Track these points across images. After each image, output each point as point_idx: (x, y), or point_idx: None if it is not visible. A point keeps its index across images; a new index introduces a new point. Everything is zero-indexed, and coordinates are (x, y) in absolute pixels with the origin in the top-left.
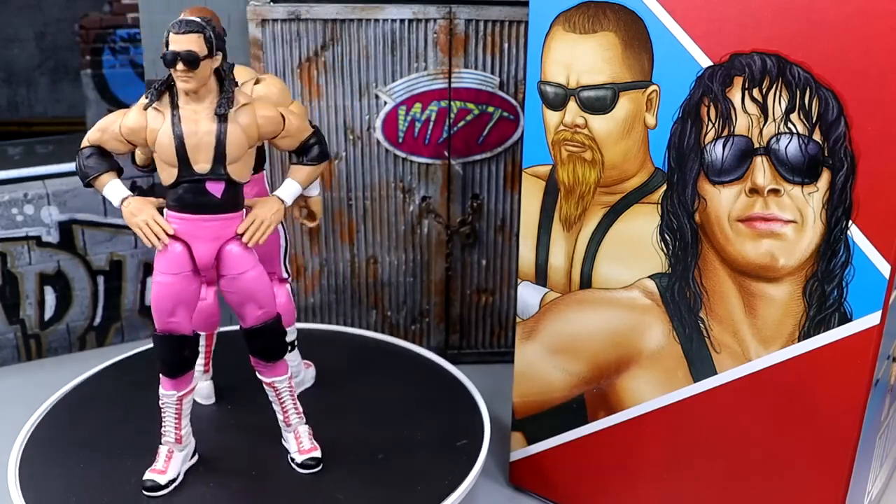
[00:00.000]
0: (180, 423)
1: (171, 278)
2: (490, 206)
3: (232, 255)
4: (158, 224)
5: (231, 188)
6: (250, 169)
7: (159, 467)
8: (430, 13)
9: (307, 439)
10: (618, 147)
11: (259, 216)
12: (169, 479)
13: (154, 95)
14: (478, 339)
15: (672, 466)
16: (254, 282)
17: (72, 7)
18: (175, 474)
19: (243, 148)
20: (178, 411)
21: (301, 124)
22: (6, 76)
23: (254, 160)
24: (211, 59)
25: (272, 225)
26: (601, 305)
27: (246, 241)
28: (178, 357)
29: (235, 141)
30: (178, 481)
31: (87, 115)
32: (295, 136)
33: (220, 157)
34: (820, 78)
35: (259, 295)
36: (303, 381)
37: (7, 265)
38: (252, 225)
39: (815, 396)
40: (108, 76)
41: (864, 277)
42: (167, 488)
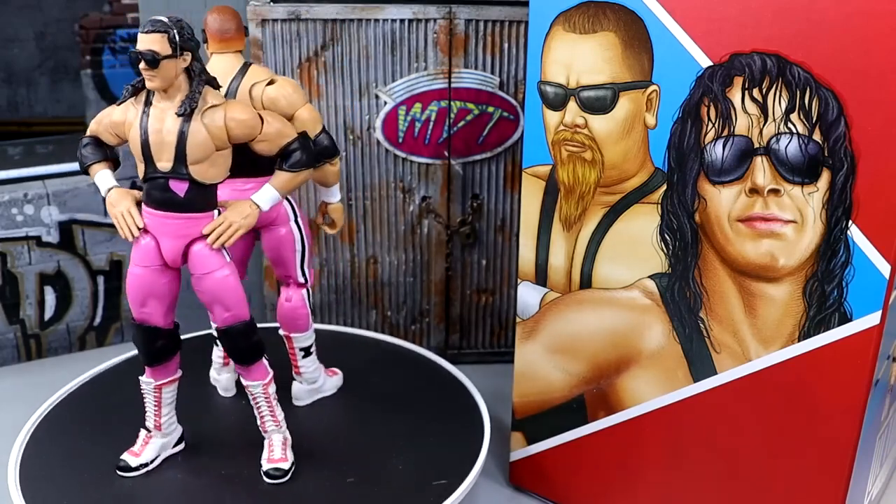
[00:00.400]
0: (160, 411)
1: (142, 270)
2: (490, 206)
3: (197, 254)
4: (132, 216)
5: (196, 188)
6: (222, 171)
7: (135, 450)
8: (430, 13)
9: (279, 449)
10: (618, 147)
11: (228, 219)
12: (140, 463)
13: (129, 92)
14: (478, 339)
15: (672, 466)
16: (219, 283)
17: (72, 7)
18: (149, 459)
19: (207, 149)
20: (156, 399)
21: (282, 129)
22: (6, 76)
23: (228, 162)
24: (176, 58)
25: (241, 229)
26: (601, 305)
27: (210, 242)
28: (151, 347)
29: (197, 142)
30: (151, 466)
31: (86, 115)
32: (273, 140)
33: (181, 156)
34: (820, 78)
35: (225, 297)
36: (321, 389)
37: (7, 265)
38: (220, 227)
39: (815, 396)
40: (108, 76)
41: (864, 277)
42: (137, 471)
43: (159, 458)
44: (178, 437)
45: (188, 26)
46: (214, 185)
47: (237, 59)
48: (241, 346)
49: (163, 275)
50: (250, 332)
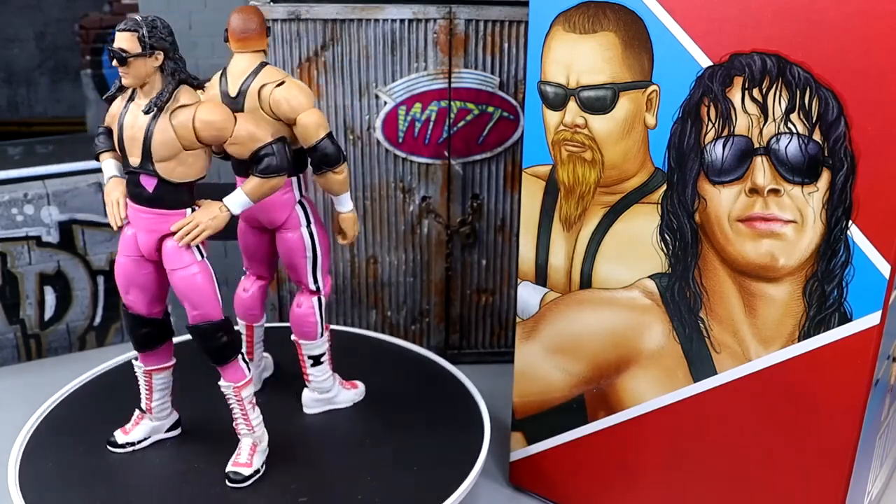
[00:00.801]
0: (151, 395)
1: (124, 259)
2: (490, 206)
3: (167, 250)
4: (118, 207)
5: (165, 185)
6: (194, 171)
7: (126, 427)
8: (430, 13)
9: (246, 453)
10: (618, 147)
11: (196, 218)
12: (128, 441)
13: (116, 86)
14: (478, 339)
15: (672, 466)
16: (185, 281)
17: (72, 7)
18: (136, 438)
19: (173, 148)
20: (147, 383)
21: (254, 133)
22: (6, 76)
23: (202, 163)
24: (146, 57)
25: (208, 230)
26: (601, 305)
27: (176, 240)
28: (136, 334)
29: (162, 140)
30: (138, 446)
31: (87, 115)
32: (244, 144)
33: (147, 153)
34: (820, 78)
35: (192, 295)
36: (333, 400)
37: (7, 265)
38: (187, 225)
39: (815, 396)
40: (108, 76)
41: (864, 277)
42: (123, 448)
43: (149, 439)
44: (171, 423)
45: (164, 26)
46: (186, 183)
47: (254, 59)
48: (207, 346)
49: (142, 266)
50: (217, 333)
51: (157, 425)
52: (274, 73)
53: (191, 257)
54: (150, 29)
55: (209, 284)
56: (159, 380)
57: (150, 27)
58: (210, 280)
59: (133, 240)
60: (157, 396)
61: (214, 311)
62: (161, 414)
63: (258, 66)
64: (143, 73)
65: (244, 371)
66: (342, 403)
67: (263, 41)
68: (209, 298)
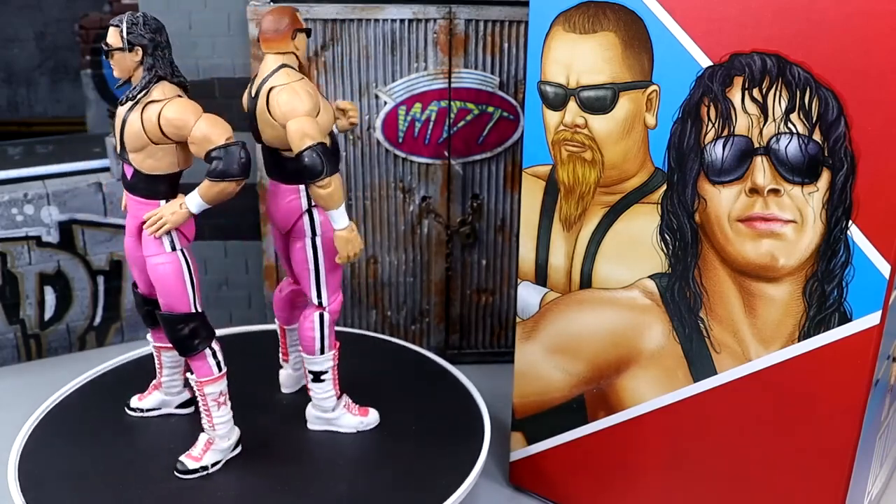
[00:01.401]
0: (160, 370)
1: (127, 238)
2: (490, 206)
3: (143, 237)
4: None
5: (139, 175)
6: (163, 164)
7: (143, 394)
8: (430, 13)
9: (199, 448)
10: (618, 147)
11: (162, 211)
12: (138, 406)
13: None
14: (478, 339)
15: (672, 466)
16: (153, 270)
17: (72, 7)
18: (147, 406)
19: (140, 140)
20: (158, 358)
21: (208, 135)
22: (6, 76)
23: (172, 158)
24: (125, 52)
25: (168, 224)
26: (601, 305)
27: (145, 228)
28: (140, 310)
29: (132, 131)
30: (147, 412)
31: (87, 115)
32: (199, 144)
33: (122, 142)
34: (820, 78)
35: (159, 285)
36: (333, 422)
37: (7, 265)
38: (153, 217)
39: (815, 396)
40: (108, 76)
41: (864, 277)
42: (133, 411)
43: (160, 410)
44: (181, 401)
45: (146, 23)
46: (161, 175)
47: (276, 60)
48: (171, 335)
49: (137, 247)
50: (179, 325)
51: (167, 399)
52: (283, 76)
53: (160, 248)
54: (129, 26)
55: (175, 277)
56: (167, 357)
57: (130, 24)
58: (177, 273)
59: (128, 220)
60: (166, 373)
61: (179, 304)
62: (171, 390)
63: (277, 67)
64: (126, 67)
65: (211, 368)
66: (344, 428)
67: (288, 43)
68: (174, 290)
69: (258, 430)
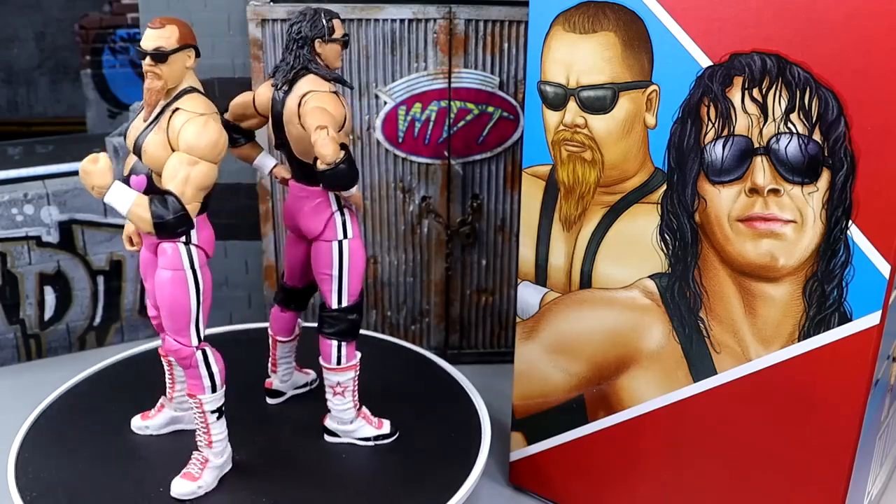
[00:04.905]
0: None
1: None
2: (490, 206)
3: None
4: None
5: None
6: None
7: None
8: (430, 13)
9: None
10: (618, 147)
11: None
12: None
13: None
14: (478, 339)
15: (672, 466)
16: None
17: (72, 7)
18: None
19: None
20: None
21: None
22: (6, 76)
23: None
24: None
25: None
26: (601, 305)
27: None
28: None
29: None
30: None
31: (87, 115)
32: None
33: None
34: (820, 78)
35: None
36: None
37: (7, 265)
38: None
39: (815, 396)
40: (108, 76)
41: (864, 277)
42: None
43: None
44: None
45: None
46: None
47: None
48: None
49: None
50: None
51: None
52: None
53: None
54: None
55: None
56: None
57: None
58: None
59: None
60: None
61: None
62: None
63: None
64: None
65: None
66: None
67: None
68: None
69: (257, 429)
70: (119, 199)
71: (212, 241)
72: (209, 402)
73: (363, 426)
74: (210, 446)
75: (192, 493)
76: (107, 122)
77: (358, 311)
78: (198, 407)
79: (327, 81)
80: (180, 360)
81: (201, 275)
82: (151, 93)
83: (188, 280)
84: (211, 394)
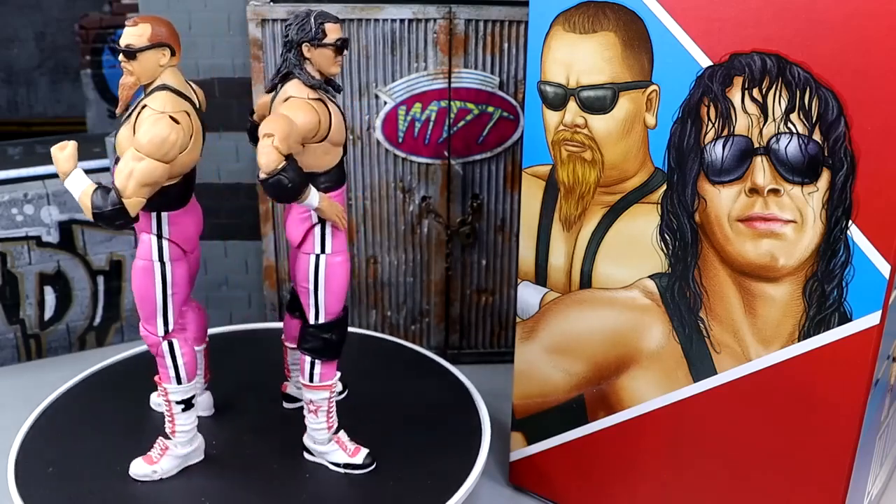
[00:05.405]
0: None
1: None
2: (490, 206)
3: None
4: None
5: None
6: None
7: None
8: (430, 13)
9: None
10: (618, 147)
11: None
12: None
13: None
14: (478, 339)
15: (672, 466)
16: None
17: (72, 7)
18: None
19: None
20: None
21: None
22: (6, 76)
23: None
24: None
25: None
26: (601, 305)
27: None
28: None
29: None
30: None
31: (87, 115)
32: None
33: None
34: (820, 78)
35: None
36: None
37: (7, 265)
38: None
39: (815, 396)
40: (108, 76)
41: (864, 277)
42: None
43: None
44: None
45: None
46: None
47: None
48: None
49: None
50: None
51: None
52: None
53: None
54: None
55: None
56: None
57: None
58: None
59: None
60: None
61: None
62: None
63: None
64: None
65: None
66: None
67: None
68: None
69: (256, 429)
70: (74, 185)
71: (188, 236)
72: (174, 393)
73: (336, 451)
74: (173, 435)
75: (147, 476)
76: (107, 122)
77: (335, 331)
78: (164, 395)
79: (310, 88)
80: (149, 347)
81: (171, 268)
82: (123, 88)
83: (155, 271)
84: (176, 385)
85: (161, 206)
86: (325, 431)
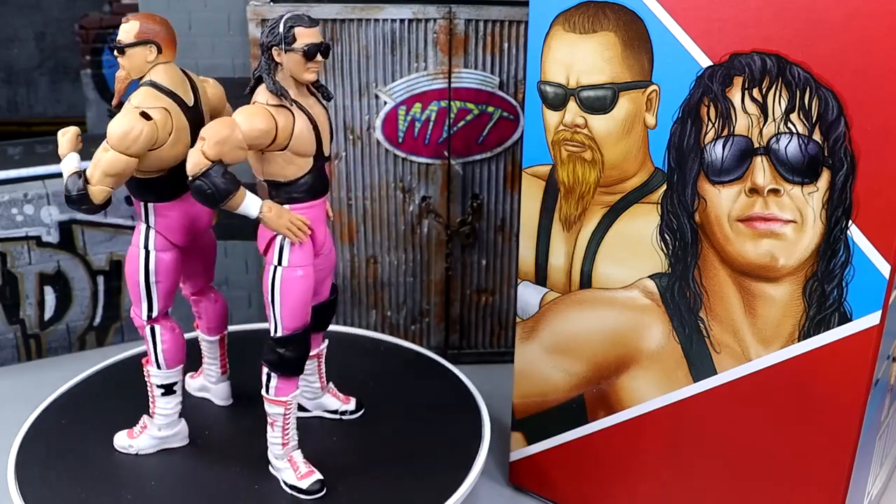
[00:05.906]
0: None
1: None
2: (490, 206)
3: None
4: None
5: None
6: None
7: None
8: (430, 13)
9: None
10: (618, 147)
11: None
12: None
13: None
14: (478, 339)
15: (672, 466)
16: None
17: (72, 7)
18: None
19: None
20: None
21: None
22: (6, 76)
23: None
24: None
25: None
26: (601, 305)
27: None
28: None
29: None
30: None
31: (87, 115)
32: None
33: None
34: (820, 78)
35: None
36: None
37: (7, 265)
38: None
39: (815, 396)
40: (108, 76)
41: (864, 277)
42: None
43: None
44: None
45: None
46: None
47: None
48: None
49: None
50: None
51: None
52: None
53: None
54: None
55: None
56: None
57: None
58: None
59: None
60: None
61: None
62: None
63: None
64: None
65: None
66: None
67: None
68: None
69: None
70: (63, 168)
71: (176, 230)
72: (154, 377)
73: (287, 469)
74: (152, 416)
75: (125, 449)
76: (107, 121)
77: (290, 347)
78: (146, 376)
79: (272, 94)
80: (137, 327)
81: (155, 257)
82: (117, 81)
83: (140, 257)
84: (156, 369)
85: (148, 197)
86: (280, 447)
